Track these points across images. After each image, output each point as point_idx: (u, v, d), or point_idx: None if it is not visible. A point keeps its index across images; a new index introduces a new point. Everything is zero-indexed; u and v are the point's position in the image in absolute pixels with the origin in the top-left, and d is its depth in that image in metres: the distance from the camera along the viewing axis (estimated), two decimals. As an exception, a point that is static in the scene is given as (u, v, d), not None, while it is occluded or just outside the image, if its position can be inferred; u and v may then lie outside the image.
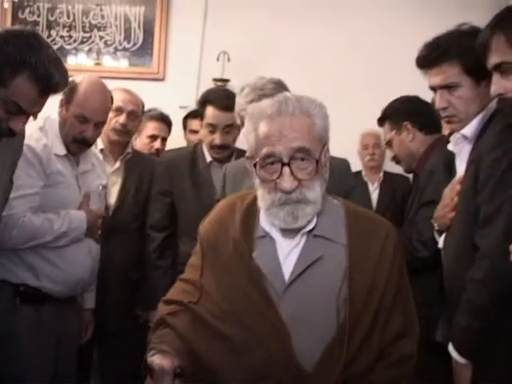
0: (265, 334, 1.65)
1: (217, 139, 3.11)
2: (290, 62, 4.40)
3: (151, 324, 3.07)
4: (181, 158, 3.26)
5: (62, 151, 2.59)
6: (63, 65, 1.99)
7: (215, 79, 4.61)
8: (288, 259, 1.72)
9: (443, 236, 2.24)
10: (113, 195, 3.21)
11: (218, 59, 4.62)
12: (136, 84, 4.11)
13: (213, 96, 3.16)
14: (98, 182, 2.81)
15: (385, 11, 4.61)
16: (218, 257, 1.78)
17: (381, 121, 3.14)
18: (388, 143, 3.11)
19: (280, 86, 2.56)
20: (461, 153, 2.23)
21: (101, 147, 3.22)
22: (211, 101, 3.12)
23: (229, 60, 4.62)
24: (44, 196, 2.49)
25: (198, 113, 3.29)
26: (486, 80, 2.12)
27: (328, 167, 1.78)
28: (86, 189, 2.67)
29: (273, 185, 1.69)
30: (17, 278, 2.48)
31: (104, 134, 3.12)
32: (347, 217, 1.78)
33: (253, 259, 1.73)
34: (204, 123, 3.16)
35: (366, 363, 1.66)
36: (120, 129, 3.24)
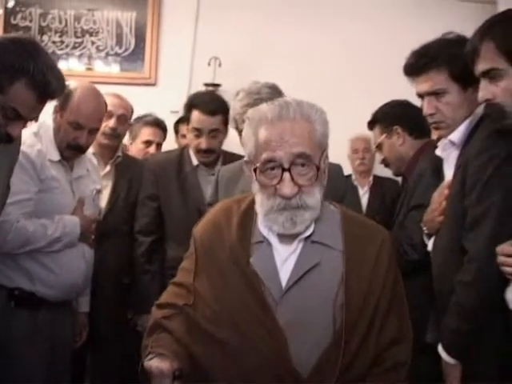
0: (261, 340, 1.64)
1: (203, 143, 3.09)
2: (281, 67, 4.41)
3: (139, 328, 3.13)
4: (167, 162, 3.26)
5: (56, 157, 2.60)
6: (60, 71, 2.02)
7: (206, 84, 4.63)
8: (285, 265, 1.71)
9: (432, 239, 2.27)
10: (103, 199, 3.21)
11: (210, 64, 4.64)
12: (128, 89, 4.13)
13: (198, 100, 3.15)
14: (93, 187, 2.82)
15: (377, 15, 4.64)
16: (214, 261, 1.76)
17: (371, 124, 3.16)
18: (378, 146, 3.14)
19: (275, 91, 2.57)
20: (448, 158, 2.26)
21: (91, 151, 3.23)
22: (197, 105, 3.10)
23: (220, 65, 4.64)
24: (38, 201, 2.50)
25: (185, 117, 3.27)
26: (473, 86, 2.17)
27: (326, 173, 1.77)
28: (81, 194, 2.68)
29: (272, 190, 1.67)
30: (12, 283, 2.49)
31: (94, 138, 3.13)
32: (343, 223, 1.78)
33: (250, 264, 1.71)
34: (190, 127, 3.15)
35: (362, 369, 1.66)
36: (110, 133, 3.26)
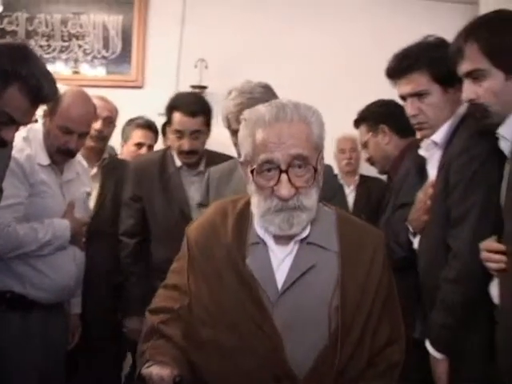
0: (258, 341, 1.63)
1: (185, 145, 3.06)
2: (267, 68, 4.41)
3: (125, 329, 3.13)
4: (150, 163, 3.23)
5: (46, 161, 2.61)
6: (52, 76, 2.03)
7: (193, 86, 4.66)
8: (281, 266, 1.70)
9: (418, 237, 2.30)
10: (91, 201, 3.20)
11: (196, 66, 4.66)
12: (115, 92, 4.16)
13: (179, 102, 3.11)
14: (83, 190, 2.84)
15: (360, 16, 4.69)
16: (210, 260, 1.75)
17: (357, 122, 3.19)
18: (364, 145, 3.18)
19: (268, 90, 2.57)
20: (431, 158, 2.30)
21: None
22: (178, 106, 3.07)
23: (206, 67, 4.67)
24: (29, 205, 2.51)
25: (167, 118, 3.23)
26: (454, 87, 2.22)
27: (322, 175, 1.76)
28: (71, 197, 2.69)
29: (269, 191, 1.66)
30: (3, 286, 2.50)
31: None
32: (339, 224, 1.77)
33: (246, 265, 1.70)
34: (172, 129, 3.12)
35: (357, 370, 1.66)
36: (96, 135, 3.27)
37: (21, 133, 2.52)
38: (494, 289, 1.95)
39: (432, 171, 2.28)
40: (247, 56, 4.59)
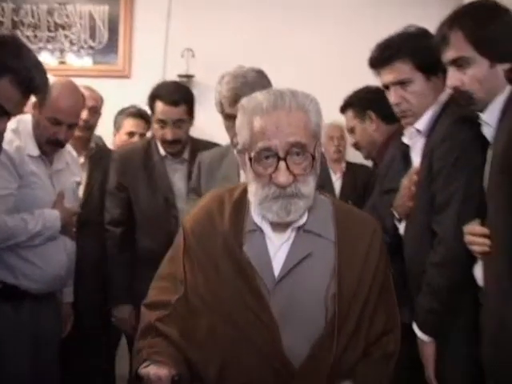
0: (255, 331, 1.63)
1: (168, 134, 3.06)
2: (254, 57, 4.42)
3: (113, 319, 3.15)
4: (134, 152, 3.23)
5: (36, 152, 2.61)
6: (43, 67, 2.05)
7: (180, 75, 4.65)
8: (278, 254, 1.70)
9: (403, 223, 2.34)
10: (79, 190, 3.20)
11: (183, 56, 4.66)
12: (101, 82, 4.13)
13: (162, 91, 3.10)
14: (73, 180, 2.85)
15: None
16: (206, 248, 1.74)
17: (343, 108, 3.23)
18: (350, 130, 3.21)
19: (262, 75, 2.57)
20: (415, 146, 2.33)
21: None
22: (160, 96, 3.07)
23: (193, 56, 4.67)
24: (19, 197, 2.51)
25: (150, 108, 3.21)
26: (436, 75, 2.26)
27: (319, 163, 1.75)
28: (61, 187, 2.70)
29: (267, 179, 1.65)
30: (-6, 277, 2.51)
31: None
32: (335, 213, 1.77)
33: (243, 253, 1.69)
34: (154, 118, 3.11)
35: (354, 359, 1.66)
36: (82, 125, 3.25)
37: (10, 124, 2.52)
38: (478, 271, 1.99)
39: (416, 159, 2.31)
40: (234, 44, 4.56)
